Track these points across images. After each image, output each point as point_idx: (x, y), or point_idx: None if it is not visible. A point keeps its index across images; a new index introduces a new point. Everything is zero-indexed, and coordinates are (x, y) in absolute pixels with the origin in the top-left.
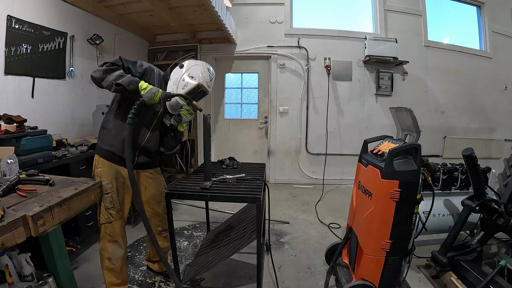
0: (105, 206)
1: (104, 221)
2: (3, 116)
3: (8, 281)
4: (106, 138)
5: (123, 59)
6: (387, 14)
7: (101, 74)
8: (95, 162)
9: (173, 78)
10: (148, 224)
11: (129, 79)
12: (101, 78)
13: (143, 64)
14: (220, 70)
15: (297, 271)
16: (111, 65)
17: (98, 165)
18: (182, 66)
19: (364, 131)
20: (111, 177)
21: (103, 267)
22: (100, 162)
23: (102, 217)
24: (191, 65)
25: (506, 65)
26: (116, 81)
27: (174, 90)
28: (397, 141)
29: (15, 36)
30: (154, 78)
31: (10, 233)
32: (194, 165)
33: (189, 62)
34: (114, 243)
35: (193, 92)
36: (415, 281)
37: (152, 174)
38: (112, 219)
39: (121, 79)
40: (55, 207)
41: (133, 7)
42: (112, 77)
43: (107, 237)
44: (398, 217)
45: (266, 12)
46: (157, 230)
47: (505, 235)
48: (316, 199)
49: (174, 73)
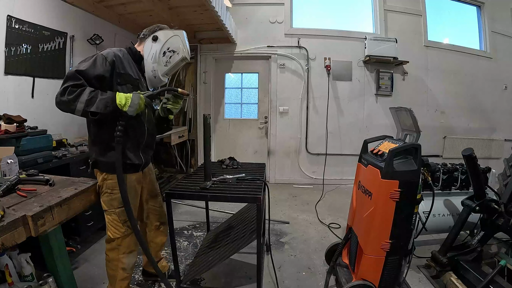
0: (121, 219)
1: (120, 235)
2: (3, 116)
3: (8, 281)
4: (106, 151)
5: (80, 71)
6: (387, 14)
7: (67, 105)
8: (100, 176)
9: (150, 54)
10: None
11: (102, 101)
12: (70, 109)
13: (106, 57)
14: (220, 70)
15: (297, 271)
16: (71, 89)
17: (107, 177)
18: (156, 38)
19: (364, 131)
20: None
21: (116, 278)
22: (110, 176)
23: (117, 231)
24: (168, 37)
25: (506, 65)
26: (89, 108)
27: (155, 68)
28: (397, 141)
29: (15, 36)
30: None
31: (10, 233)
32: (194, 165)
33: (165, 34)
34: (130, 253)
35: (176, 66)
36: (415, 281)
37: (149, 168)
38: (130, 231)
39: (93, 105)
40: (55, 207)
41: (133, 7)
42: (82, 105)
43: (122, 249)
44: (398, 217)
45: (266, 12)
46: (156, 226)
47: (505, 235)
48: (316, 199)
49: (146, 47)
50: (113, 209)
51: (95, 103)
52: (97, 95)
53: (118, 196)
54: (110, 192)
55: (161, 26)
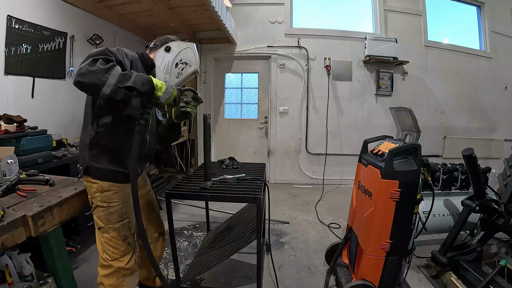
0: (122, 235)
1: (120, 255)
2: (3, 116)
3: (8, 281)
4: (104, 156)
5: (110, 50)
6: (387, 14)
7: (97, 76)
8: (94, 185)
9: (162, 64)
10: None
11: (140, 77)
12: (99, 82)
13: (126, 54)
14: (220, 70)
15: (297, 271)
16: (102, 61)
17: (103, 188)
18: (168, 49)
19: (364, 131)
20: (123, 199)
21: None
22: (106, 185)
23: (116, 250)
24: (181, 48)
25: (506, 65)
26: (123, 83)
27: (167, 79)
28: (397, 141)
29: (15, 36)
30: (139, 69)
31: (10, 233)
32: (194, 165)
33: (178, 45)
34: (132, 275)
35: (186, 79)
36: (415, 281)
37: (144, 176)
38: (130, 248)
39: (129, 80)
40: (55, 207)
41: (133, 7)
42: (114, 79)
43: (122, 272)
44: (398, 217)
45: (266, 12)
46: (155, 237)
47: (505, 235)
48: (316, 199)
49: (159, 57)
50: (111, 225)
51: (132, 78)
52: (132, 72)
53: (117, 208)
54: (107, 205)
55: (171, 37)
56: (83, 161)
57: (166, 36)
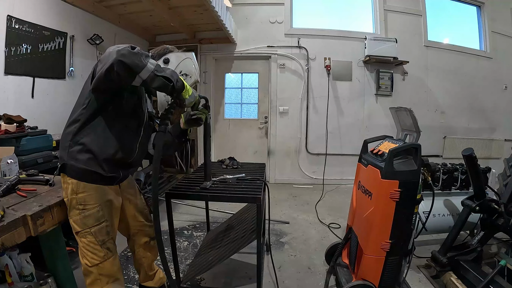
0: (99, 240)
1: (100, 261)
2: (3, 116)
3: (8, 281)
4: (82, 155)
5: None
6: (387, 14)
7: (138, 58)
8: (70, 186)
9: None
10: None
11: (175, 74)
12: (140, 64)
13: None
14: (220, 70)
15: (297, 271)
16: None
17: (78, 190)
18: (167, 61)
19: (364, 131)
20: (100, 202)
21: None
22: (81, 186)
23: (95, 256)
24: (180, 60)
25: (506, 65)
26: (160, 73)
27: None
28: (397, 141)
29: (15, 36)
30: None
31: (10, 233)
32: (194, 165)
33: (176, 56)
34: (115, 283)
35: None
36: (415, 281)
37: (131, 180)
38: (110, 254)
39: (167, 72)
40: (55, 207)
41: (133, 7)
42: (152, 66)
43: (104, 280)
44: (398, 217)
45: (266, 12)
46: (145, 242)
47: (505, 235)
48: (316, 199)
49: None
50: (87, 229)
51: (169, 71)
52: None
53: (93, 212)
54: (82, 208)
55: (169, 48)
56: (61, 158)
57: (163, 46)
